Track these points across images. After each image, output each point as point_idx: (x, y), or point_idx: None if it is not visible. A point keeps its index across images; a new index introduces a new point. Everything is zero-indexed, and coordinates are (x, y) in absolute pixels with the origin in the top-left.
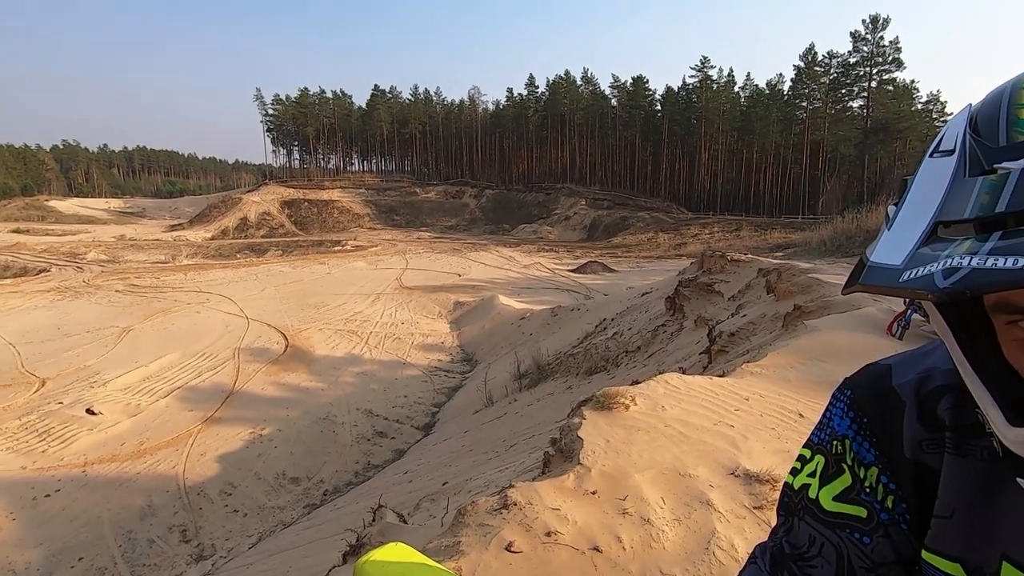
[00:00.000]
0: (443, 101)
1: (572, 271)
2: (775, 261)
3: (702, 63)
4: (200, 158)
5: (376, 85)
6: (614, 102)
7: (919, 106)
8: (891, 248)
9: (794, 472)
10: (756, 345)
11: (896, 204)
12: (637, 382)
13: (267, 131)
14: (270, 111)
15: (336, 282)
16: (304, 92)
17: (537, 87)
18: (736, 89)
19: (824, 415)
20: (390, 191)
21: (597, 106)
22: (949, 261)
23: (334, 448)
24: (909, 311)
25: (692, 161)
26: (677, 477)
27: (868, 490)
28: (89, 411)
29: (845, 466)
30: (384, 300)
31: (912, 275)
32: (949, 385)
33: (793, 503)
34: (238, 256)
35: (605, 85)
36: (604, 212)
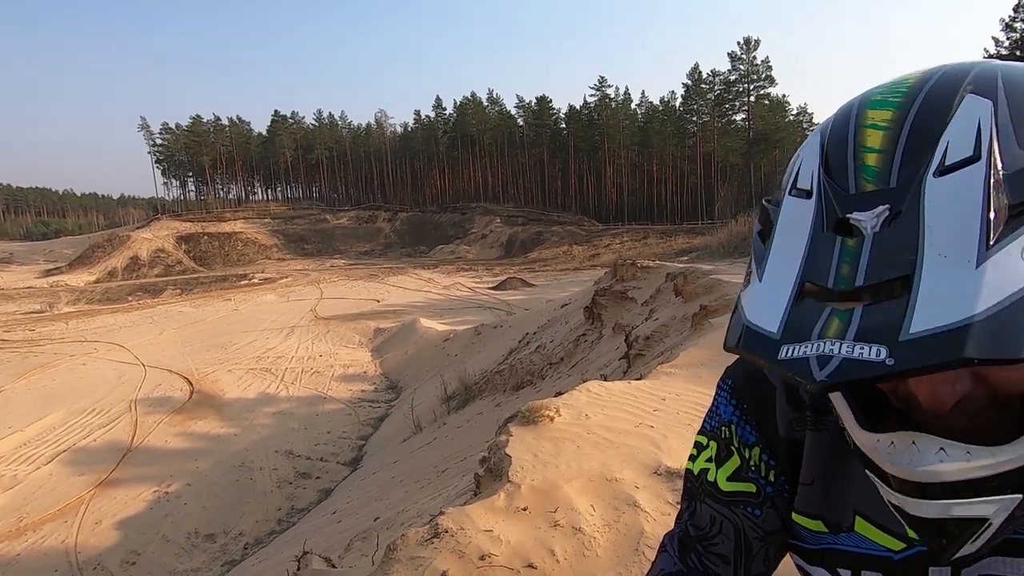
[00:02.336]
0: (349, 125)
1: (492, 288)
2: (681, 265)
3: (600, 83)
4: (78, 194)
5: (276, 111)
6: (520, 122)
7: (791, 117)
8: (765, 307)
9: (692, 458)
10: (669, 346)
11: (762, 238)
12: (561, 393)
13: (156, 162)
14: (159, 141)
15: (244, 318)
16: (196, 120)
17: (445, 109)
18: (633, 106)
19: (712, 404)
20: (299, 219)
21: (505, 126)
22: (821, 346)
23: (253, 497)
24: None
25: (599, 175)
26: (604, 482)
27: (753, 468)
28: None
29: (733, 448)
30: (299, 333)
31: (788, 354)
32: None
33: (695, 488)
34: (130, 299)
35: (511, 105)
36: (519, 228)
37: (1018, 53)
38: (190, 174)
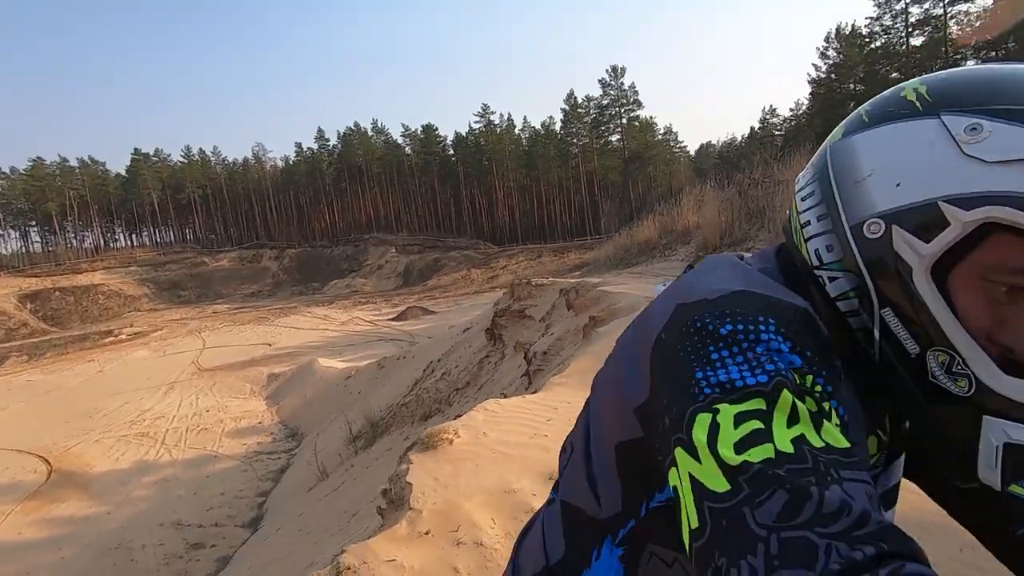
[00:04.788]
0: (223, 161)
1: (393, 320)
2: (572, 280)
3: (484, 110)
4: None
5: (137, 149)
6: (408, 150)
7: (660, 137)
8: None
9: (757, 438)
10: (564, 359)
11: None
12: (460, 415)
13: None
14: None
15: (112, 380)
16: (38, 163)
17: (328, 140)
18: (517, 131)
19: (747, 347)
20: (171, 264)
21: (392, 155)
22: None
23: None
24: None
25: (490, 199)
26: (503, 495)
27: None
28: None
29: (816, 399)
30: (180, 389)
31: None
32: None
33: (810, 471)
34: None
35: (397, 134)
36: (416, 256)
37: (833, 76)
38: (33, 223)
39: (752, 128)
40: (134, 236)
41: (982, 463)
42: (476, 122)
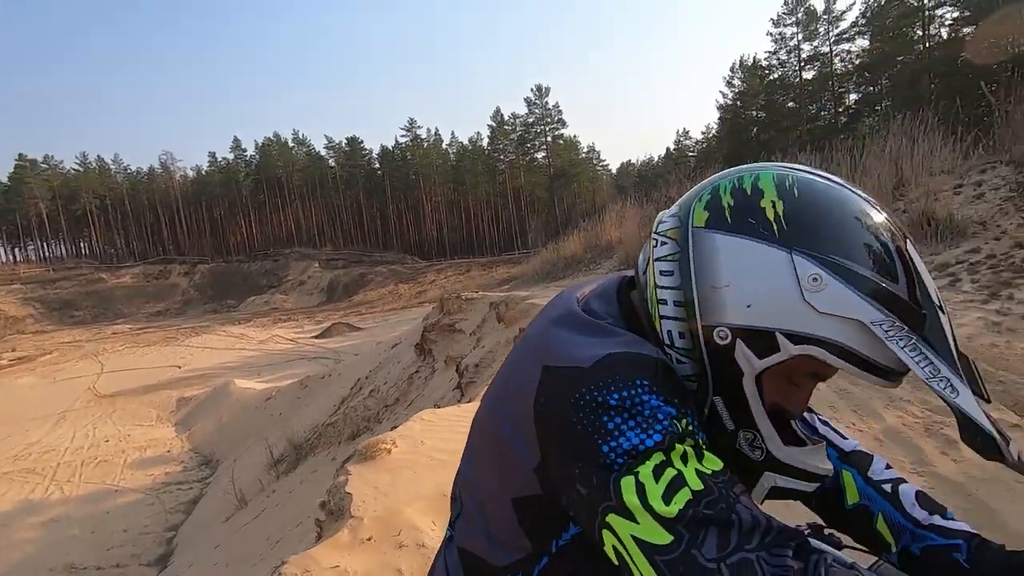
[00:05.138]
0: (125, 169)
1: (316, 337)
2: (501, 294)
3: (410, 124)
4: None
5: (21, 154)
6: (332, 163)
7: (583, 155)
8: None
9: (674, 488)
10: (496, 370)
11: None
12: (396, 426)
13: None
14: None
15: None
16: None
17: (245, 150)
18: (444, 146)
19: (637, 409)
20: (63, 282)
21: (315, 167)
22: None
23: None
24: None
25: (417, 213)
26: (442, 498)
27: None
28: None
29: (698, 439)
30: (74, 418)
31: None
32: None
33: (720, 502)
34: None
35: (320, 147)
36: (341, 272)
37: (738, 103)
38: None
39: (668, 149)
40: (16, 250)
41: (755, 497)
42: (403, 136)
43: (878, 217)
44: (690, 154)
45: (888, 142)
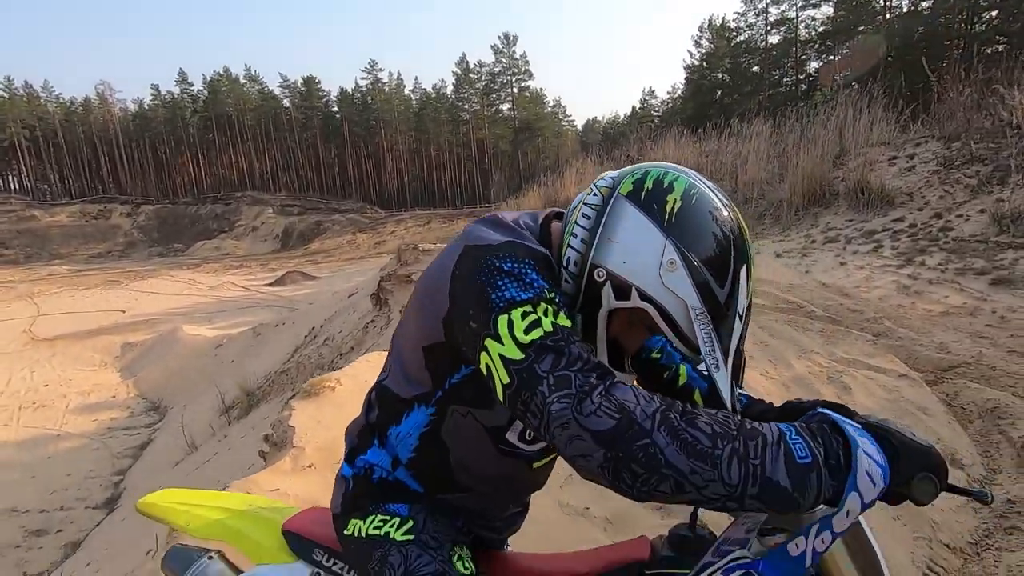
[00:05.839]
0: (58, 98)
1: (270, 285)
2: None
3: (371, 66)
4: None
5: None
6: (287, 103)
7: (549, 109)
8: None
9: (536, 324)
10: None
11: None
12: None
13: None
14: None
15: None
16: None
17: (191, 84)
18: (407, 92)
19: (516, 277)
20: None
21: (268, 107)
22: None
23: None
24: None
25: (378, 161)
26: None
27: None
28: None
29: (559, 307)
30: (9, 361)
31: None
32: None
33: (560, 338)
34: None
35: (274, 85)
36: (296, 219)
37: (704, 64)
38: None
39: (634, 108)
40: None
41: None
42: (363, 78)
43: (738, 243)
44: (655, 113)
45: (836, 111)
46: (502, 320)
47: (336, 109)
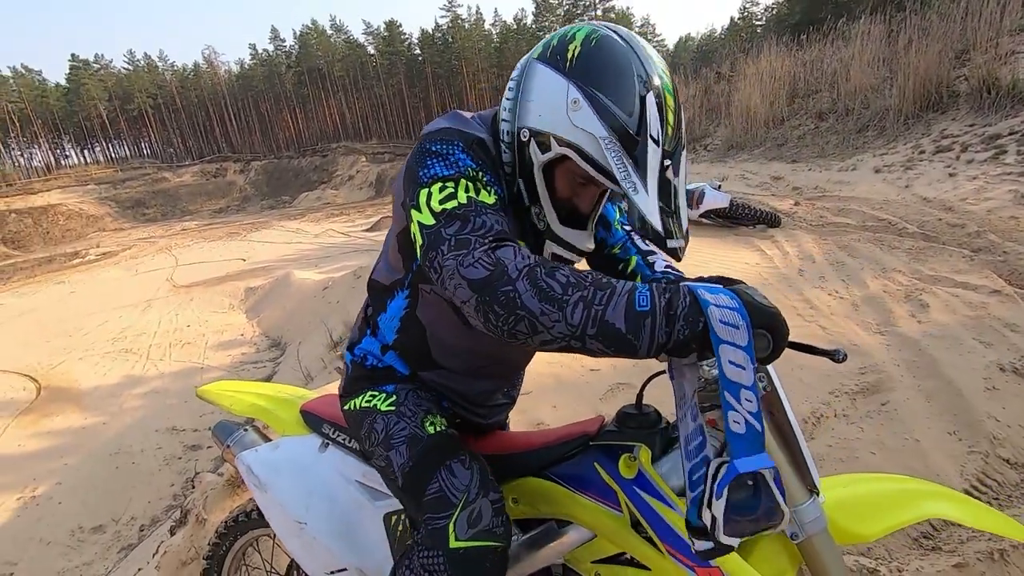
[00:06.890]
0: (172, 67)
1: (367, 231)
2: None
3: (449, 2)
4: None
5: (74, 55)
6: (371, 50)
7: (637, 29)
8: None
9: (451, 196)
10: None
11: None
12: None
13: None
14: None
15: (87, 300)
16: None
17: (283, 40)
18: (487, 26)
19: (441, 156)
20: (131, 181)
21: (355, 56)
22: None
23: (139, 480)
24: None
25: (460, 102)
26: None
27: (497, 198)
28: None
29: (482, 185)
30: (159, 306)
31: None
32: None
33: (469, 208)
34: None
35: (358, 33)
36: (388, 165)
37: None
38: None
39: (732, 19)
40: (86, 152)
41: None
42: (442, 17)
43: (641, 72)
44: (757, 22)
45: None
46: (423, 192)
47: (418, 52)
